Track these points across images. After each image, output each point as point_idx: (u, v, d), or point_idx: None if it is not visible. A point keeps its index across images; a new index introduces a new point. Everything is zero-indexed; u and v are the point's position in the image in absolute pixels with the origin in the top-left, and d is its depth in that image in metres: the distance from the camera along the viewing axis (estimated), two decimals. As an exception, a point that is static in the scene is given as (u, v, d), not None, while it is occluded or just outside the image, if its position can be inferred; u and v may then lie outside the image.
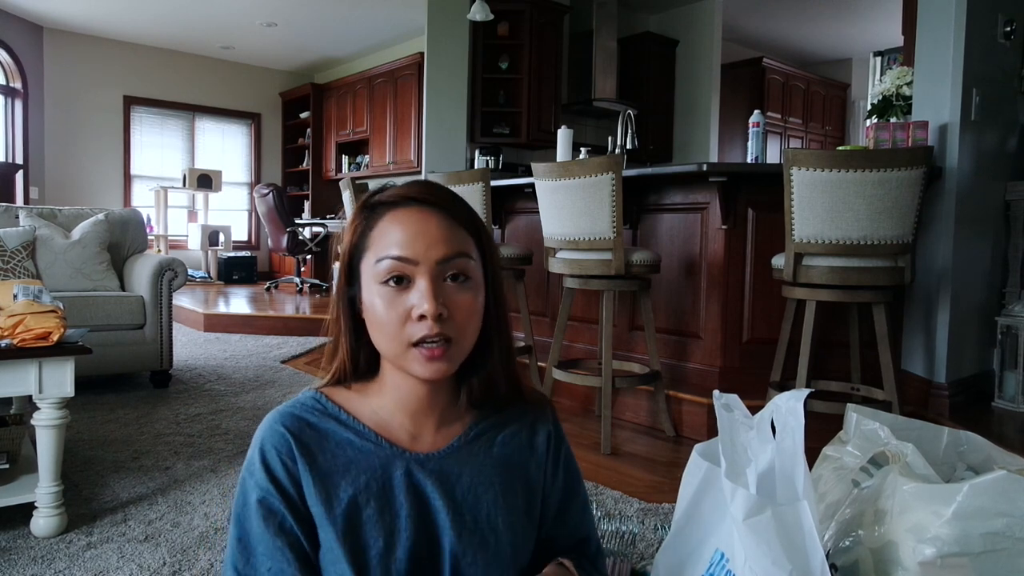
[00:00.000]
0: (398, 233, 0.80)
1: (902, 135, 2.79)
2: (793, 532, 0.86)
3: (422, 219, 0.81)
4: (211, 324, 5.17)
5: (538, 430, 0.94)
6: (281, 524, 0.81)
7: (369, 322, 0.83)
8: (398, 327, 0.79)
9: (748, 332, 2.92)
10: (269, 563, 0.80)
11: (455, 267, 0.81)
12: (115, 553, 1.66)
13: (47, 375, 1.72)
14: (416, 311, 0.79)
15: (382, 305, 0.80)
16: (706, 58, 6.89)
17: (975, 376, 2.97)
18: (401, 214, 0.82)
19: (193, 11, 7.06)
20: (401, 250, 0.79)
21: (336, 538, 0.80)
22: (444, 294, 0.80)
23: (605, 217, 2.54)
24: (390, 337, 0.80)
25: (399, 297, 0.80)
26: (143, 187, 8.37)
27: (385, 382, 0.87)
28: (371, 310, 0.82)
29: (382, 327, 0.81)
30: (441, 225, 0.81)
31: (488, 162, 5.97)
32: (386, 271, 0.80)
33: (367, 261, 0.82)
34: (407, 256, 0.79)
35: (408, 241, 0.80)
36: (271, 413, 0.87)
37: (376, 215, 0.83)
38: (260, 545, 0.80)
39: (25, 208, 3.59)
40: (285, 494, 0.81)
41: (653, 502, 2.04)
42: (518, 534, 0.88)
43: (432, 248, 0.80)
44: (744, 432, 1.01)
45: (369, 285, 0.82)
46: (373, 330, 0.83)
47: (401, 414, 0.87)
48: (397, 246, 0.80)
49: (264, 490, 0.81)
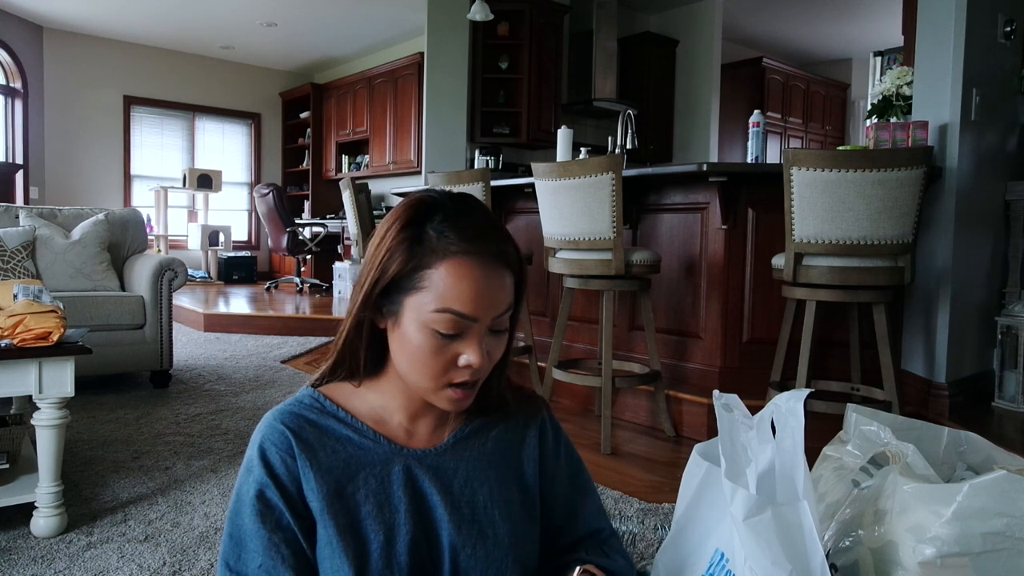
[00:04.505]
0: (465, 290, 0.78)
1: (902, 135, 2.79)
2: (793, 532, 0.86)
3: (487, 277, 0.80)
4: (211, 324, 5.17)
5: (529, 426, 0.96)
6: (278, 520, 0.81)
7: (402, 349, 0.82)
8: (440, 371, 0.81)
9: (748, 332, 2.92)
10: (260, 559, 0.80)
11: (503, 321, 0.83)
12: (115, 553, 1.66)
13: (47, 375, 1.72)
14: (463, 361, 0.80)
15: (427, 349, 0.80)
16: (706, 58, 6.89)
17: (975, 376, 2.97)
18: (469, 268, 0.79)
19: (193, 11, 7.06)
20: (465, 308, 0.78)
21: (336, 534, 0.81)
22: (487, 344, 0.82)
23: (605, 217, 2.54)
24: (427, 377, 0.81)
25: (447, 346, 0.80)
26: (143, 187, 8.37)
27: (390, 384, 0.89)
28: (409, 344, 0.81)
29: (420, 367, 0.81)
30: (504, 285, 0.82)
31: (488, 162, 5.97)
32: (444, 323, 0.79)
33: (418, 299, 0.79)
34: (471, 315, 0.79)
35: (473, 300, 0.79)
36: (270, 412, 0.88)
37: (437, 256, 0.79)
38: (252, 541, 0.81)
39: (25, 208, 3.59)
40: (283, 490, 0.82)
41: (653, 502, 2.04)
42: (516, 526, 0.89)
43: (492, 308, 0.80)
44: (744, 432, 1.01)
45: (413, 321, 0.80)
46: (404, 360, 0.83)
47: (400, 413, 0.89)
48: (461, 303, 0.78)
49: (262, 484, 0.82)
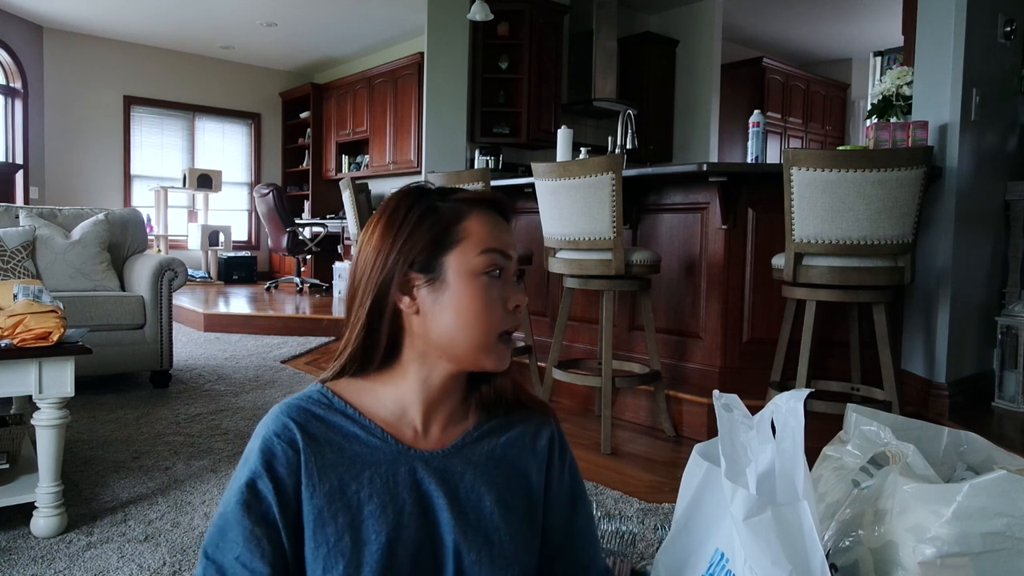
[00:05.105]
0: (493, 229, 0.86)
1: (902, 135, 2.79)
2: (793, 532, 0.86)
3: (500, 220, 0.89)
4: (211, 324, 5.17)
5: (541, 434, 0.95)
6: (264, 514, 0.80)
7: (451, 312, 0.84)
8: (496, 320, 0.85)
9: (748, 332, 2.92)
10: (239, 551, 0.79)
11: (519, 268, 0.91)
12: (115, 553, 1.66)
13: (47, 375, 1.72)
14: (512, 302, 0.86)
15: (483, 296, 0.84)
16: (706, 58, 6.88)
17: (975, 376, 2.97)
18: (489, 214, 0.87)
19: (193, 11, 7.06)
20: (500, 244, 0.86)
21: (337, 533, 0.80)
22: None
23: (605, 217, 2.54)
24: (486, 329, 0.84)
25: (496, 289, 0.85)
26: (143, 187, 8.37)
27: (405, 375, 0.88)
28: (461, 301, 0.84)
29: (476, 320, 0.84)
30: (512, 231, 0.91)
31: (488, 162, 5.97)
32: (489, 263, 0.84)
33: (461, 250, 0.84)
34: (505, 250, 0.86)
35: (502, 239, 0.86)
36: (277, 405, 0.87)
37: (460, 213, 0.86)
38: (234, 530, 0.80)
39: (25, 208, 3.59)
40: (278, 484, 0.81)
41: (653, 502, 2.04)
42: (519, 534, 0.88)
43: (513, 248, 0.88)
44: (744, 432, 1.01)
45: (462, 273, 0.84)
46: (453, 323, 0.84)
47: (417, 407, 0.88)
48: (496, 240, 0.86)
49: (255, 474, 0.81)
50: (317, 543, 0.80)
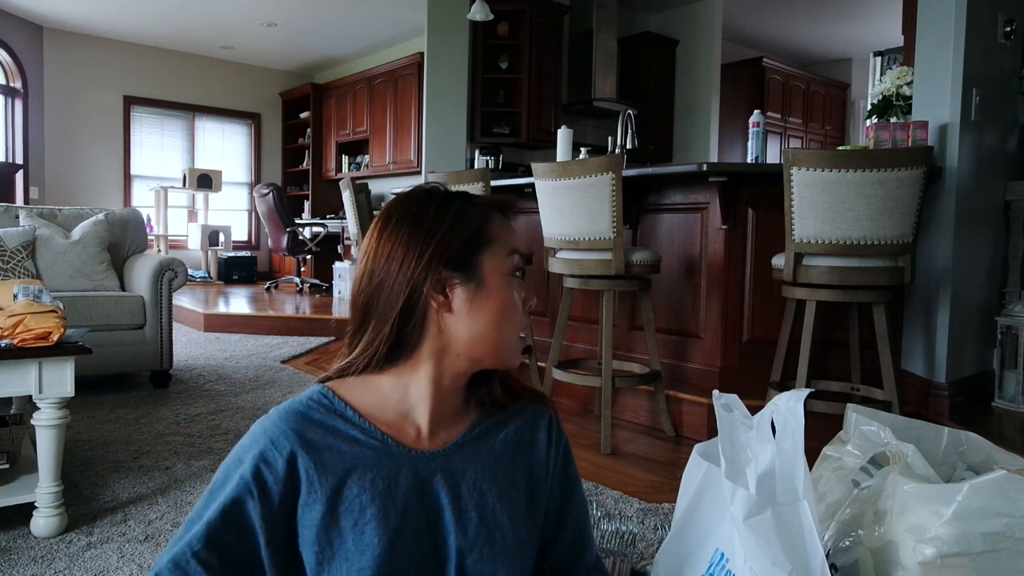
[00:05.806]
0: (511, 231, 0.91)
1: (902, 135, 2.79)
2: (793, 532, 0.86)
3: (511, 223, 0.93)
4: (211, 324, 5.17)
5: (539, 425, 0.96)
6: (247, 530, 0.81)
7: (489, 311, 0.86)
8: (521, 320, 0.89)
9: (748, 332, 2.92)
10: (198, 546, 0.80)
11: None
12: (115, 553, 1.66)
13: (47, 375, 1.72)
14: (529, 303, 0.90)
15: (515, 296, 0.88)
16: (706, 58, 6.88)
17: (975, 376, 2.97)
18: (503, 217, 0.91)
19: (193, 11, 7.06)
20: (521, 246, 0.91)
21: (339, 536, 0.80)
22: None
23: (605, 217, 2.54)
24: (516, 328, 0.88)
25: (518, 289, 0.89)
26: (143, 187, 8.37)
27: (417, 373, 0.86)
28: (498, 301, 0.86)
29: (511, 320, 0.87)
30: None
31: (488, 162, 5.97)
32: (516, 265, 0.89)
33: (493, 251, 0.87)
34: (525, 252, 0.94)
35: (519, 239, 0.92)
36: (276, 409, 0.86)
37: (483, 215, 0.88)
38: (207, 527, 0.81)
39: (25, 208, 3.59)
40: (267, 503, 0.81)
41: (653, 502, 2.04)
42: (521, 530, 0.88)
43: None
44: (744, 432, 1.01)
45: (497, 273, 0.87)
46: (491, 323, 0.86)
47: (423, 405, 0.87)
48: (517, 242, 0.90)
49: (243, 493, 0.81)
50: (319, 547, 0.80)
